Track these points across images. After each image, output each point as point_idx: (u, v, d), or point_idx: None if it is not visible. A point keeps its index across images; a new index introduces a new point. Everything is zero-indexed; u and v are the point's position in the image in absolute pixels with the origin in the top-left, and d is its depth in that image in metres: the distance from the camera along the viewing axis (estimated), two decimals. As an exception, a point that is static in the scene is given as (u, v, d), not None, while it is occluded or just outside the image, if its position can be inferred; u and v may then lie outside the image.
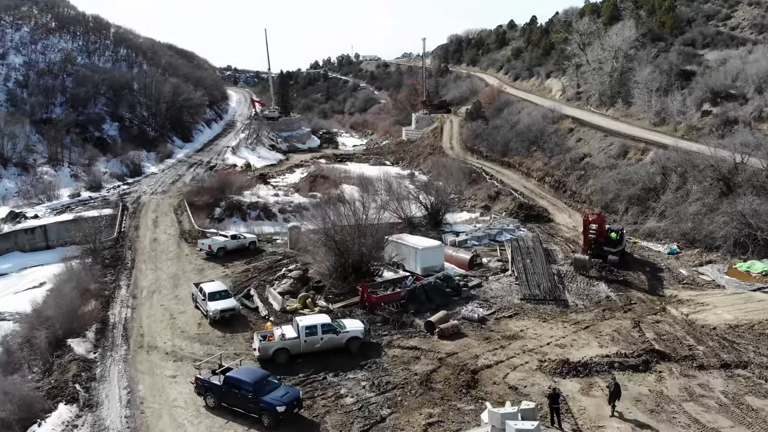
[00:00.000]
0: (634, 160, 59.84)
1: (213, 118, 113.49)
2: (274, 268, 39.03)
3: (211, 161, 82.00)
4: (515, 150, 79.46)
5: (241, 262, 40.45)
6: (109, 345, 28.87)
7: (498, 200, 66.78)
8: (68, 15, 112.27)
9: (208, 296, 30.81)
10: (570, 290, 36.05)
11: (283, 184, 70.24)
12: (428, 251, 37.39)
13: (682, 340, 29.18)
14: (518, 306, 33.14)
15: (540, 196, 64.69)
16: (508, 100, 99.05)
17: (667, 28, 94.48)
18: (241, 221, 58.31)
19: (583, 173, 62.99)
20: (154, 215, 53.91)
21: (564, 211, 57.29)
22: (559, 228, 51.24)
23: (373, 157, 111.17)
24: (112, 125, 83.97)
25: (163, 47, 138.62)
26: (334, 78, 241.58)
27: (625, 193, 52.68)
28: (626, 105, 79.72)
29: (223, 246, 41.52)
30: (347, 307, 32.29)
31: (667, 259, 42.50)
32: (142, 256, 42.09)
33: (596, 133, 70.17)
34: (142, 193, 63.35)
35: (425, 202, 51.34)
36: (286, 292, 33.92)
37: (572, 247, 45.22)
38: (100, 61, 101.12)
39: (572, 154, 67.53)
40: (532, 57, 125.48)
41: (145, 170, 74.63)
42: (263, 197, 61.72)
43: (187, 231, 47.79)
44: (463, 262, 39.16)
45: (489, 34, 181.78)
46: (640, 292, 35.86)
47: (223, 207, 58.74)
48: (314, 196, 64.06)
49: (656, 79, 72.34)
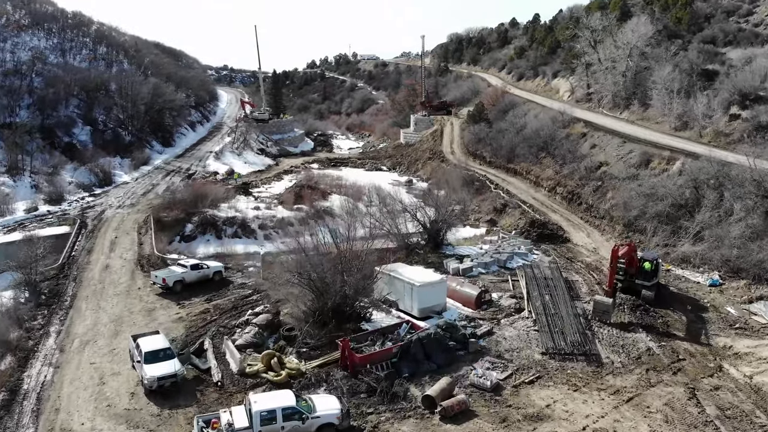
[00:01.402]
0: (659, 170, 53.10)
1: (198, 121, 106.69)
2: (240, 308, 32.31)
3: (191, 168, 75.22)
4: (522, 156, 72.81)
5: (201, 299, 33.72)
6: (12, 427, 22.11)
7: (505, 213, 60.17)
8: (44, 11, 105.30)
9: (144, 357, 24.10)
10: (601, 338, 29.34)
11: (267, 195, 63.44)
12: (427, 288, 30.67)
13: (752, 417, 22.54)
14: (540, 364, 26.41)
15: (551, 209, 58.03)
16: (512, 102, 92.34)
17: (683, 24, 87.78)
18: (215, 239, 51.61)
19: (600, 184, 56.26)
20: (114, 234, 47.18)
21: (581, 229, 50.60)
22: (577, 251, 44.53)
23: (369, 161, 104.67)
24: (84, 129, 77.13)
25: (149, 45, 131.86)
26: (331, 78, 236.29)
27: (653, 210, 45.90)
28: (643, 107, 73.04)
29: (181, 279, 34.74)
30: (325, 366, 25.59)
31: (709, 293, 35.85)
32: (86, 290, 35.30)
33: (612, 138, 63.47)
34: (107, 207, 56.59)
35: (423, 220, 44.53)
36: (248, 344, 27.21)
37: (596, 277, 38.53)
38: (75, 60, 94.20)
39: (587, 162, 60.79)
40: (537, 56, 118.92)
41: (116, 179, 67.85)
42: (242, 211, 54.95)
43: (146, 256, 41.03)
44: (470, 300, 32.45)
45: (490, 32, 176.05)
46: (687, 342, 29.17)
47: (195, 223, 51.98)
48: (300, 209, 57.38)
49: (676, 80, 65.63)
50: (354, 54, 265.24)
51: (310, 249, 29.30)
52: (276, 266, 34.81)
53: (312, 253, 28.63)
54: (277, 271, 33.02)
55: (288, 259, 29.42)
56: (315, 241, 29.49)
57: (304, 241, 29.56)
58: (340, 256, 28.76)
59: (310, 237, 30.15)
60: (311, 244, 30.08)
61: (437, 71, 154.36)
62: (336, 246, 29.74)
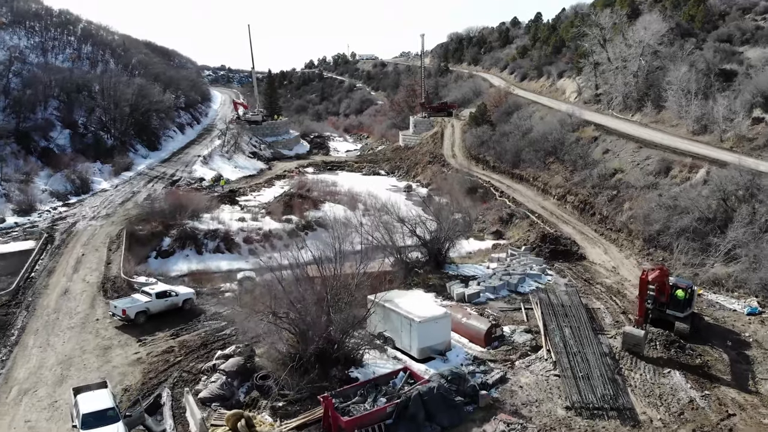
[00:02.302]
0: (680, 180, 48.66)
1: (188, 123, 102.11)
2: (210, 344, 27.80)
3: (176, 174, 70.69)
4: (528, 161, 68.40)
5: (167, 334, 29.16)
6: None
7: (512, 224, 55.79)
8: (27, 9, 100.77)
9: (82, 420, 19.61)
10: (633, 384, 24.86)
11: (254, 204, 58.89)
12: (429, 325, 26.14)
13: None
14: (565, 423, 21.91)
15: (563, 219, 53.59)
16: (517, 103, 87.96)
17: (697, 22, 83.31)
18: (195, 254, 47.26)
19: (615, 193, 51.79)
20: (81, 251, 42.66)
21: (596, 243, 46.11)
22: (595, 270, 40.01)
23: (366, 165, 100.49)
24: (62, 133, 72.53)
25: (139, 44, 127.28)
26: (330, 78, 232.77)
27: (677, 224, 41.41)
28: (656, 109, 68.58)
29: (144, 309, 30.20)
30: (304, 427, 21.09)
31: (749, 324, 31.39)
32: (38, 321, 30.74)
33: (627, 143, 59.05)
34: (80, 218, 52.03)
35: (424, 237, 39.99)
36: (214, 397, 22.73)
37: (618, 302, 34.05)
38: (57, 60, 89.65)
39: (600, 168, 56.34)
40: (540, 55, 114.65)
41: (94, 186, 63.27)
42: (225, 223, 50.50)
43: (112, 279, 36.47)
44: (478, 335, 27.95)
45: (491, 31, 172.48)
46: (733, 389, 24.69)
47: (174, 237, 47.57)
48: (289, 221, 52.92)
49: (693, 80, 61.23)
50: (353, 54, 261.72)
51: (290, 278, 24.77)
52: (257, 292, 30.32)
53: (290, 286, 24.07)
54: (258, 298, 28.49)
55: (262, 292, 24.80)
56: (296, 274, 24.91)
57: (281, 271, 24.93)
58: (327, 290, 24.23)
59: (289, 265, 25.55)
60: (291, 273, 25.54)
61: (437, 71, 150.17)
62: (322, 276, 25.21)
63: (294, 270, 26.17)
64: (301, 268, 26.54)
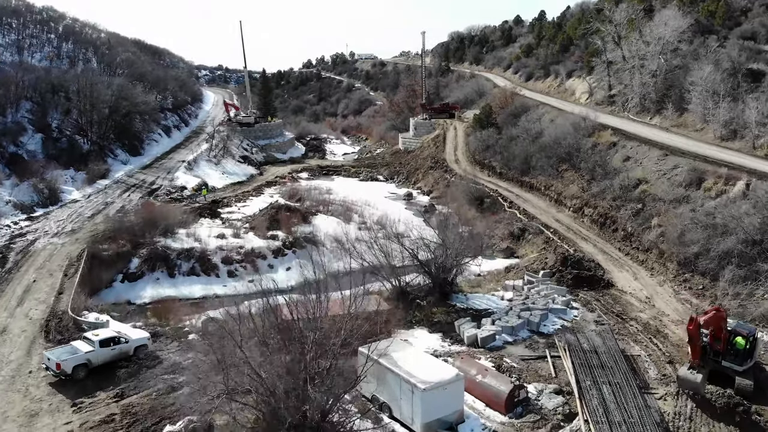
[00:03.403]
0: (715, 193, 43.05)
1: (175, 125, 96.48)
2: (161, 411, 22.17)
3: (156, 182, 65.13)
4: (540, 168, 62.90)
5: (109, 395, 23.52)
6: None
7: (524, 240, 50.35)
8: (6, 5, 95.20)
9: None
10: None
11: (238, 217, 53.22)
12: (437, 393, 20.53)
13: None
14: None
15: (581, 235, 48.11)
16: (524, 104, 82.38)
17: (718, 18, 77.79)
18: (167, 278, 41.79)
19: (640, 207, 46.23)
20: (34, 276, 37.13)
21: (623, 266, 40.55)
22: (626, 301, 34.45)
23: (364, 170, 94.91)
24: (34, 137, 66.95)
25: (127, 42, 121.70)
26: (328, 78, 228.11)
27: (720, 247, 35.85)
28: (677, 112, 63.05)
29: (84, 362, 24.62)
30: None
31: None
32: (-42, 373, 25.24)
33: (649, 149, 53.49)
34: (42, 234, 46.47)
35: (428, 264, 34.38)
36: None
37: (660, 345, 28.51)
38: (34, 59, 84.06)
39: (621, 178, 50.73)
40: (547, 54, 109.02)
41: (64, 197, 57.65)
42: (203, 240, 44.93)
43: (60, 314, 30.88)
44: (498, 399, 22.36)
45: (493, 30, 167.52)
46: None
47: (143, 257, 42.04)
48: (275, 237, 47.35)
49: (719, 81, 55.84)
50: (351, 53, 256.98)
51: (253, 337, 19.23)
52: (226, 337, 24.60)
53: (254, 347, 18.48)
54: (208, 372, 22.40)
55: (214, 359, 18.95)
56: (259, 334, 19.31)
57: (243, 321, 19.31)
58: (304, 350, 18.67)
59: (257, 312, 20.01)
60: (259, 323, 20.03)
61: (438, 71, 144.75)
62: (298, 330, 19.64)
63: (265, 318, 20.71)
64: (268, 316, 21.01)
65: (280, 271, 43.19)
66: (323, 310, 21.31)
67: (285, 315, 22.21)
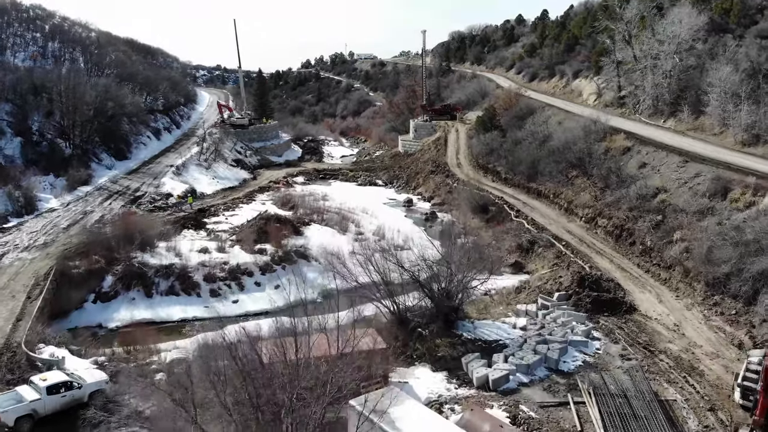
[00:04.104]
0: (743, 204, 39.27)
1: (166, 127, 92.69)
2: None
3: (141, 188, 61.43)
4: (548, 174, 59.26)
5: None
6: None
7: (533, 254, 46.71)
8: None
9: None
10: None
11: (225, 228, 49.53)
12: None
13: None
14: None
15: (595, 248, 44.45)
16: (529, 106, 78.80)
17: (732, 17, 74.09)
18: (144, 297, 38.05)
19: (660, 219, 42.50)
20: (-7, 298, 33.42)
21: (644, 286, 36.83)
22: (653, 329, 30.73)
23: (362, 174, 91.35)
24: (13, 141, 63.30)
25: (118, 42, 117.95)
26: (327, 78, 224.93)
27: (754, 268, 32.14)
28: (694, 114, 59.36)
29: (29, 413, 20.98)
30: None
31: None
32: None
33: (667, 155, 49.78)
34: (11, 248, 42.74)
35: (431, 289, 30.65)
36: None
37: (697, 384, 24.79)
38: (17, 58, 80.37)
39: (637, 187, 47.00)
40: (552, 53, 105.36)
41: (40, 205, 53.87)
42: (184, 255, 41.23)
43: (14, 347, 27.16)
44: (512, 462, 18.72)
45: (495, 30, 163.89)
46: None
47: (118, 275, 38.34)
48: (263, 251, 43.62)
49: (739, 82, 52.24)
50: (351, 53, 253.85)
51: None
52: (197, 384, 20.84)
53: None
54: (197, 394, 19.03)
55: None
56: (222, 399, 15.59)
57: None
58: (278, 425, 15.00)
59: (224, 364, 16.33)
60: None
61: (439, 71, 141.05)
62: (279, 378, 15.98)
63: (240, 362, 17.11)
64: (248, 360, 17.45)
65: (268, 290, 39.51)
66: (306, 351, 17.86)
67: (264, 353, 18.88)
